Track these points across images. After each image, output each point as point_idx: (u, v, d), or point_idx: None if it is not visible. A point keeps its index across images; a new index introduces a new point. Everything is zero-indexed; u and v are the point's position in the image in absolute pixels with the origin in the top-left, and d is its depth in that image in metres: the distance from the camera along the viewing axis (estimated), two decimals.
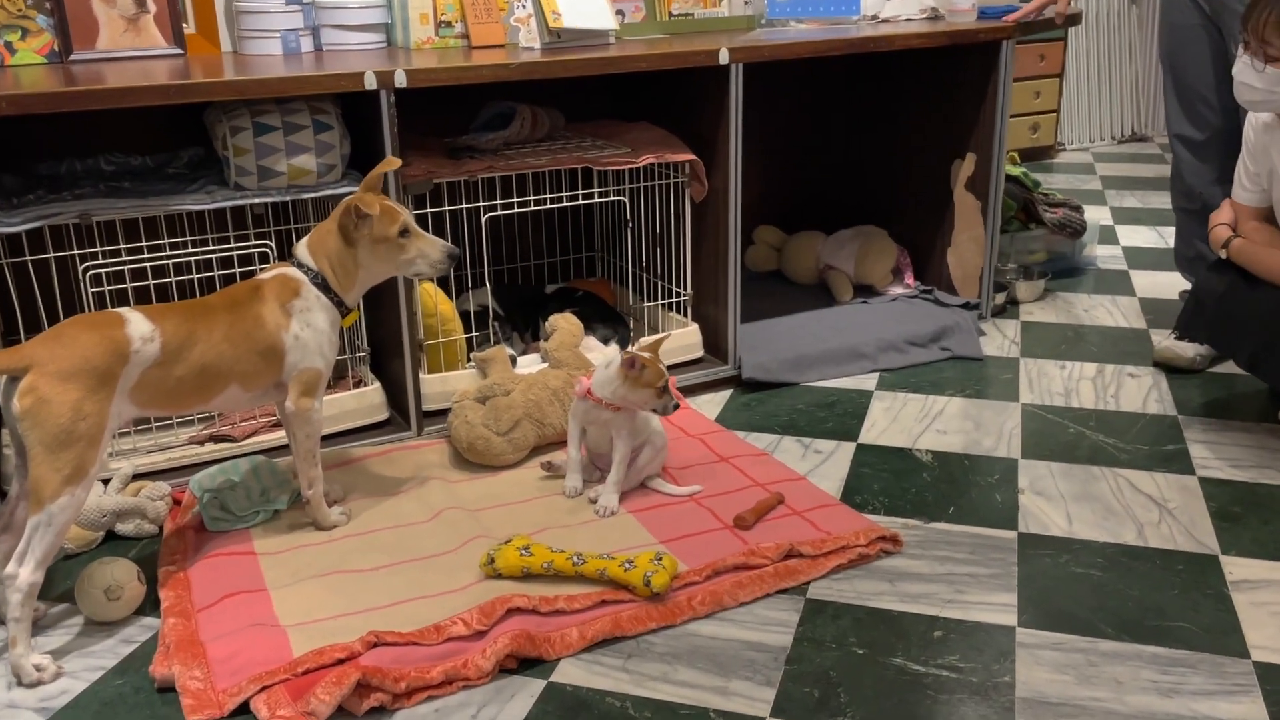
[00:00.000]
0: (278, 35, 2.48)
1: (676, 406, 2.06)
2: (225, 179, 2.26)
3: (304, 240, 1.95)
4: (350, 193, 2.27)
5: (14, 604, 1.63)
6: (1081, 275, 3.59)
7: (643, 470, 2.15)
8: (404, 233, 1.94)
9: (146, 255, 2.23)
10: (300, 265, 1.92)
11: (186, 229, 2.42)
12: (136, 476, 2.17)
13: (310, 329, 1.90)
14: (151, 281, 2.25)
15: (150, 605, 1.83)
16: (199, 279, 2.34)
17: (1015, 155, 3.69)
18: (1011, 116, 3.10)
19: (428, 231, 2.27)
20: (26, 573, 1.62)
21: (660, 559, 1.79)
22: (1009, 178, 3.47)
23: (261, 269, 1.98)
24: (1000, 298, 3.23)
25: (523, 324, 2.83)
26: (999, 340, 3.03)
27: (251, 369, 1.86)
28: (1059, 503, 2.12)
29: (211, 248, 2.29)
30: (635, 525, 2.02)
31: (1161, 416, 2.49)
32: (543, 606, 1.72)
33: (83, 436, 1.63)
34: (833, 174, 3.55)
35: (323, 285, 1.92)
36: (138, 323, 1.74)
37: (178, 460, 2.24)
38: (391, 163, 2.00)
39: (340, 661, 1.60)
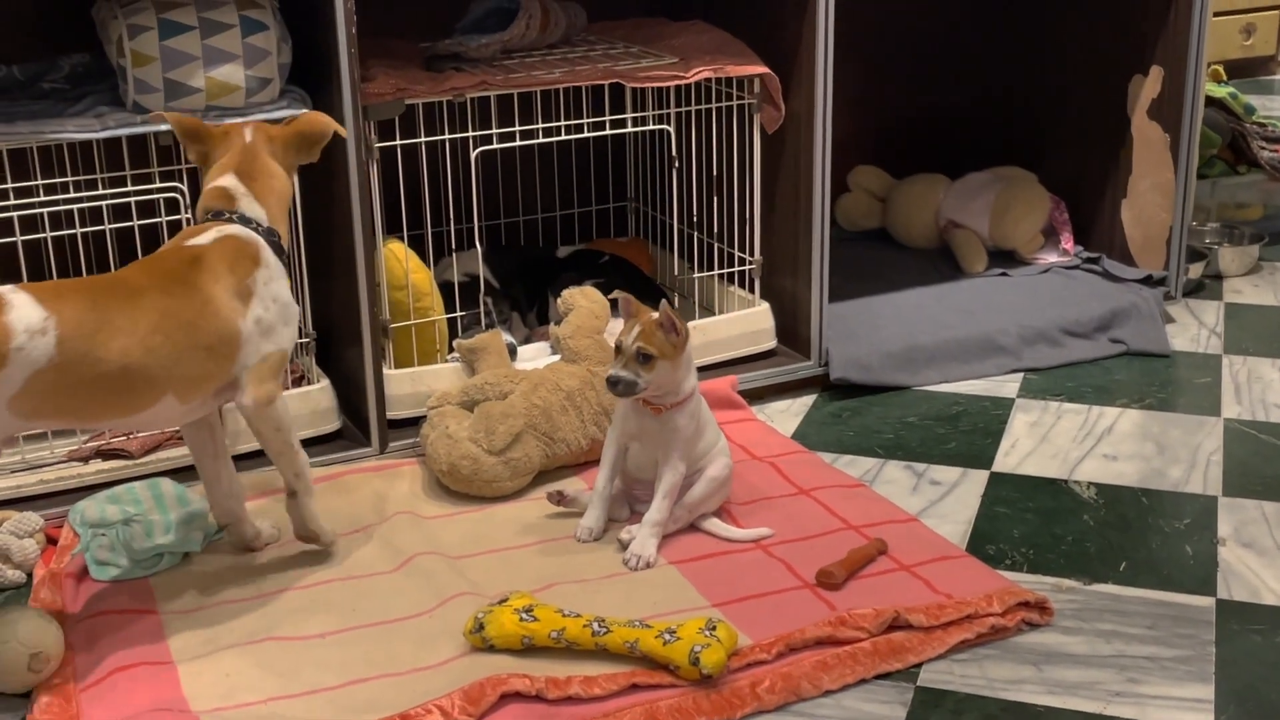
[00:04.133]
0: None
1: (616, 387, 2.02)
2: (121, 97, 2.28)
3: (235, 180, 1.96)
4: (294, 116, 2.29)
5: None
6: None
7: (698, 507, 2.16)
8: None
9: (12, 202, 2.26)
10: (246, 220, 1.94)
11: (67, 165, 2.44)
12: None
13: (276, 304, 1.94)
14: (19, 238, 2.28)
15: None
16: (84, 234, 2.37)
17: (1220, 70, 3.66)
18: (1215, 15, 3.07)
19: (398, 174, 2.28)
20: None
21: (713, 629, 1.80)
22: (1210, 101, 3.43)
23: (196, 229, 1.96)
24: (1196, 270, 3.20)
25: (526, 301, 2.84)
26: (1193, 329, 3.01)
27: (197, 372, 1.86)
28: (1275, 558, 2.11)
29: (101, 191, 2.31)
30: (679, 581, 2.03)
31: None
32: (550, 691, 1.74)
33: None
34: (960, 95, 3.53)
35: (277, 244, 1.96)
36: (22, 308, 1.73)
37: (53, 484, 2.26)
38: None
39: None
